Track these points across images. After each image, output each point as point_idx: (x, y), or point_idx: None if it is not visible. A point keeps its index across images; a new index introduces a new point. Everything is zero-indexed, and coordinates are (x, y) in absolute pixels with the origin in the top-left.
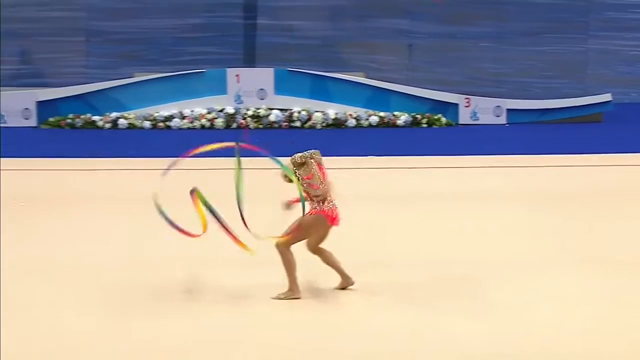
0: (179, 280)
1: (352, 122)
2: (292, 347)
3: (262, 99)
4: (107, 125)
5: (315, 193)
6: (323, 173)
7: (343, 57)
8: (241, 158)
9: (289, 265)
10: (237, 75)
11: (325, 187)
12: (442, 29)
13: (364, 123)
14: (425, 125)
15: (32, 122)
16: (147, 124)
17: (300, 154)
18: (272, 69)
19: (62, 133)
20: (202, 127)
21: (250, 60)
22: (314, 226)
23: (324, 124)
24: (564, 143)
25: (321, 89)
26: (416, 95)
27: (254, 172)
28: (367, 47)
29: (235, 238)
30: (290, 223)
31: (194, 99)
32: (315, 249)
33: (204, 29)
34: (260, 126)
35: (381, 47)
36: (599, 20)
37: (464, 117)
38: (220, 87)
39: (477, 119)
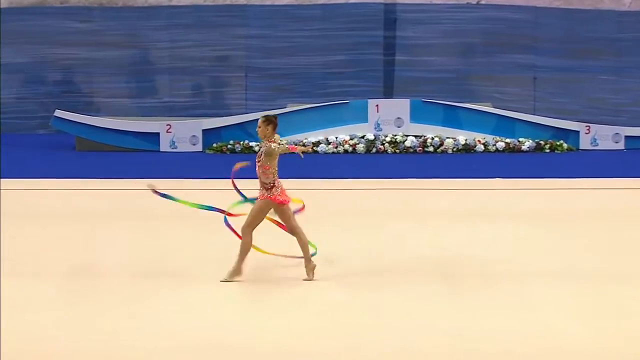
0: None
1: (480, 148)
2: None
3: (399, 127)
4: None
5: (266, 181)
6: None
7: (472, 88)
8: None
9: (244, 248)
10: (376, 106)
11: (275, 177)
12: (564, 63)
13: (491, 148)
14: (548, 151)
15: (199, 147)
16: None
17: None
18: (408, 99)
19: (224, 157)
20: (345, 151)
21: (388, 92)
22: (266, 210)
23: (454, 149)
24: None
25: (452, 118)
26: (539, 123)
27: None
28: (494, 80)
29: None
30: None
31: (339, 127)
32: (293, 230)
33: (348, 65)
34: (397, 151)
35: (507, 80)
36: None
37: (585, 143)
38: (362, 116)
39: (597, 145)
